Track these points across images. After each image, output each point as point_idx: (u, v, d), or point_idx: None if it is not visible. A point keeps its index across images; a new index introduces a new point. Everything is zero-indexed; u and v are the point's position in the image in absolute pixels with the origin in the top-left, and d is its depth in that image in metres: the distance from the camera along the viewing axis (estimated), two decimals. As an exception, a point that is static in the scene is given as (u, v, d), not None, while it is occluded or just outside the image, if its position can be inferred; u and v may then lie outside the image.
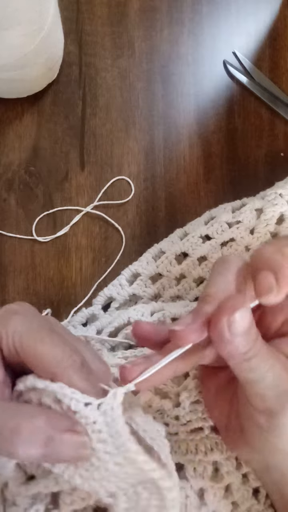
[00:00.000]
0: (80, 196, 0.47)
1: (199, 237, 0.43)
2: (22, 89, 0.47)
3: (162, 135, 0.49)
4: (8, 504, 0.27)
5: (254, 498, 0.37)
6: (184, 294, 0.43)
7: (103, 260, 0.46)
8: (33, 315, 0.28)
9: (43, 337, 0.26)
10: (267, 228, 0.42)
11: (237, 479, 0.36)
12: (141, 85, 0.49)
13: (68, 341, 0.27)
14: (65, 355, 0.26)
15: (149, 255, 0.44)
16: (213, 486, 0.35)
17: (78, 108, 0.48)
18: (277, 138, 0.49)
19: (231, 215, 0.43)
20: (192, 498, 0.34)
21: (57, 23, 0.44)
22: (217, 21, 0.51)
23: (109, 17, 0.50)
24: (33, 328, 0.26)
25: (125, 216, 0.47)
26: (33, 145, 0.47)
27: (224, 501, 0.35)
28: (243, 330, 0.25)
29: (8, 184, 0.46)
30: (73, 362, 0.26)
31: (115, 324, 0.39)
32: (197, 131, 0.49)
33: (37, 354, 0.25)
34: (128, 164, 0.48)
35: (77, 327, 0.42)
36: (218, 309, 0.26)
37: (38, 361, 0.25)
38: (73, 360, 0.26)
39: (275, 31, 0.51)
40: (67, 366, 0.26)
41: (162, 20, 0.50)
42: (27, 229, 0.46)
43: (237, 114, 0.49)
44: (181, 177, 0.48)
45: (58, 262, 0.46)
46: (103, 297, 0.43)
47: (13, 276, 0.45)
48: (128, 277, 0.44)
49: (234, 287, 0.27)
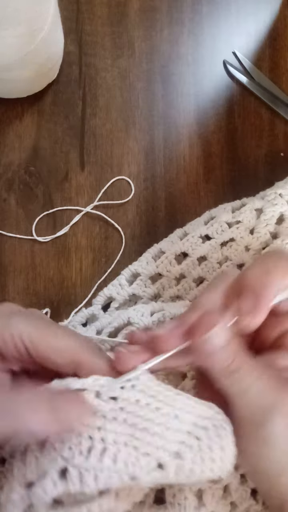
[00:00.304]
0: (80, 196, 0.47)
1: (199, 237, 0.43)
2: (22, 89, 0.47)
3: (162, 135, 0.49)
4: None
5: (253, 499, 0.37)
6: (184, 294, 0.43)
7: (103, 260, 0.46)
8: (27, 314, 0.29)
9: (55, 331, 0.27)
10: (267, 228, 0.42)
11: (236, 479, 0.36)
12: (141, 85, 0.49)
13: (69, 328, 0.28)
14: (81, 342, 0.27)
15: (149, 255, 0.44)
16: (212, 486, 0.35)
17: (78, 108, 0.48)
18: (277, 138, 0.49)
19: (231, 215, 0.43)
20: (190, 500, 0.34)
21: (57, 23, 0.44)
22: (217, 21, 0.51)
23: (109, 17, 0.50)
24: (40, 326, 0.27)
25: (125, 216, 0.47)
26: (33, 145, 0.47)
27: (223, 501, 0.35)
28: (219, 346, 0.26)
29: (8, 184, 0.46)
30: (89, 347, 0.27)
31: (115, 324, 0.38)
32: (197, 131, 0.49)
33: (55, 348, 0.26)
34: (128, 164, 0.48)
35: (76, 327, 0.42)
36: (196, 322, 0.26)
37: (57, 355, 0.26)
38: (89, 345, 0.27)
39: (275, 31, 0.51)
40: (87, 351, 0.27)
41: (162, 20, 0.50)
42: (27, 229, 0.46)
43: (237, 114, 0.49)
44: (181, 177, 0.48)
45: (58, 262, 0.46)
46: (102, 297, 0.43)
47: (13, 276, 0.45)
48: (128, 277, 0.44)
49: (223, 301, 0.28)
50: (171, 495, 0.33)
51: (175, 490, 0.33)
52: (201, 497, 0.35)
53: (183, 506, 0.33)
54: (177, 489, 0.33)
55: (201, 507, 0.34)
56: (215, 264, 0.43)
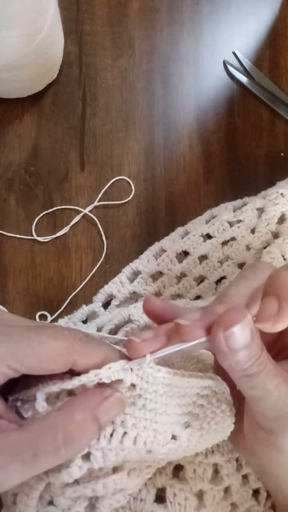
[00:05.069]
0: (80, 196, 0.47)
1: (200, 235, 0.43)
2: (22, 89, 0.47)
3: (162, 135, 0.48)
4: (43, 503, 0.27)
5: (254, 499, 0.37)
6: (185, 293, 0.43)
7: (103, 260, 0.45)
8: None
9: (38, 339, 0.25)
10: (268, 227, 0.42)
11: (237, 480, 0.36)
12: (141, 85, 0.49)
13: (51, 325, 0.26)
14: (69, 338, 0.26)
15: (150, 253, 0.44)
16: (213, 488, 0.34)
17: (78, 108, 0.48)
18: (277, 138, 0.49)
19: (232, 214, 0.43)
20: (191, 500, 0.34)
21: (57, 23, 0.44)
22: (217, 21, 0.51)
23: (109, 17, 0.50)
24: (19, 338, 0.25)
25: (125, 216, 0.47)
26: (33, 145, 0.47)
27: (223, 502, 0.35)
28: (242, 345, 0.24)
29: (8, 184, 0.46)
30: (79, 339, 0.26)
31: (115, 322, 0.38)
32: (197, 131, 0.49)
33: (45, 357, 0.25)
34: (128, 164, 0.48)
35: (77, 324, 0.42)
36: (219, 317, 0.25)
37: (49, 361, 0.25)
38: (78, 338, 0.26)
39: (275, 31, 0.51)
40: (78, 346, 0.25)
41: (162, 20, 0.50)
42: (27, 229, 0.46)
43: (237, 114, 0.49)
44: (181, 177, 0.48)
45: (58, 262, 0.45)
46: (103, 294, 0.43)
47: (13, 276, 0.45)
48: (128, 274, 0.43)
49: (251, 297, 0.26)
50: (171, 494, 0.33)
51: (176, 490, 0.33)
52: (202, 497, 0.34)
53: (183, 506, 0.33)
54: (177, 489, 0.33)
55: (201, 508, 0.34)
56: (216, 263, 0.43)
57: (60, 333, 0.26)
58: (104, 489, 0.28)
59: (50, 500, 0.28)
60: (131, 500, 0.33)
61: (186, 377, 0.27)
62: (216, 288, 0.43)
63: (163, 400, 0.27)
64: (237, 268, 0.43)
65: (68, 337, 0.26)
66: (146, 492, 0.33)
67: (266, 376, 0.25)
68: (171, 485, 0.33)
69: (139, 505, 0.33)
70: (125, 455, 0.26)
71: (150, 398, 0.26)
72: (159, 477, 0.34)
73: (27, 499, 0.26)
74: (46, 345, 0.25)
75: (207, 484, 0.34)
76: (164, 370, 0.27)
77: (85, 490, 0.27)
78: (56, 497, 0.27)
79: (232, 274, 0.43)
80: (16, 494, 0.27)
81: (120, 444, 0.26)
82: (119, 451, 0.26)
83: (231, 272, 0.43)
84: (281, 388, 0.25)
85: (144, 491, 0.34)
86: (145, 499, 0.33)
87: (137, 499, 0.33)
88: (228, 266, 0.43)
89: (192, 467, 0.34)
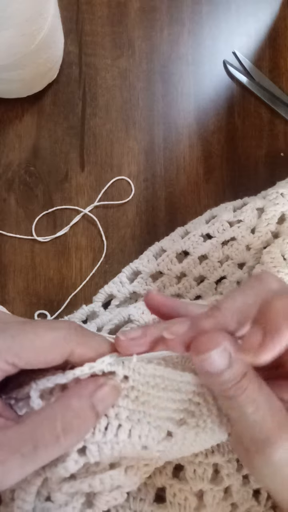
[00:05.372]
0: (80, 196, 0.47)
1: (200, 235, 0.43)
2: (22, 89, 0.47)
3: (162, 135, 0.48)
4: (41, 499, 0.28)
5: (255, 499, 0.37)
6: (185, 293, 0.43)
7: (103, 260, 0.45)
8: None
9: (34, 331, 0.25)
10: (268, 227, 0.42)
11: (238, 481, 0.35)
12: (141, 85, 0.49)
13: (46, 319, 0.26)
14: (64, 328, 0.25)
15: (150, 253, 0.44)
16: (213, 488, 0.34)
17: (78, 108, 0.48)
18: (277, 138, 0.49)
19: (232, 214, 0.43)
20: (191, 500, 0.34)
21: (57, 23, 0.44)
22: (217, 21, 0.51)
23: (109, 17, 0.50)
24: (14, 332, 0.25)
25: (125, 216, 0.47)
26: (33, 145, 0.47)
27: (223, 503, 0.35)
28: (217, 370, 0.24)
29: (8, 184, 0.46)
30: (74, 329, 0.26)
31: (115, 322, 0.38)
32: (197, 131, 0.49)
33: (42, 349, 0.25)
34: (128, 164, 0.48)
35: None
36: (196, 339, 0.24)
37: (46, 353, 0.25)
38: (74, 327, 0.26)
39: (275, 31, 0.51)
40: (74, 335, 0.25)
41: (162, 20, 0.50)
42: (27, 229, 0.46)
43: (237, 114, 0.49)
44: (181, 177, 0.48)
45: (58, 262, 0.45)
46: (103, 294, 0.43)
47: (13, 276, 0.45)
48: (128, 274, 0.43)
49: (244, 315, 0.25)
50: (171, 494, 0.33)
51: (175, 490, 0.33)
52: (202, 498, 0.34)
53: (183, 506, 0.33)
54: (177, 489, 0.33)
55: (201, 508, 0.34)
56: (216, 263, 0.43)
57: (55, 324, 0.26)
58: (101, 485, 0.28)
59: (48, 496, 0.28)
60: (131, 499, 0.33)
61: (179, 370, 0.28)
62: (216, 288, 0.43)
63: (155, 392, 0.27)
64: (237, 268, 0.43)
65: (64, 327, 0.26)
66: (145, 491, 0.33)
67: (245, 400, 0.24)
68: (171, 485, 0.33)
69: (139, 504, 0.33)
70: (121, 449, 0.27)
71: (142, 390, 0.27)
72: (159, 477, 0.34)
73: (25, 494, 0.27)
74: (43, 336, 0.25)
75: (207, 484, 0.34)
76: (154, 361, 0.27)
77: (82, 485, 0.27)
78: (53, 493, 0.27)
79: (232, 274, 0.43)
80: (14, 490, 0.27)
81: (115, 437, 0.26)
82: (114, 444, 0.26)
83: (231, 272, 0.43)
84: (259, 413, 0.24)
85: (143, 491, 0.34)
86: (145, 499, 0.33)
87: (137, 499, 0.33)
88: (228, 266, 0.43)
89: (192, 467, 0.34)
